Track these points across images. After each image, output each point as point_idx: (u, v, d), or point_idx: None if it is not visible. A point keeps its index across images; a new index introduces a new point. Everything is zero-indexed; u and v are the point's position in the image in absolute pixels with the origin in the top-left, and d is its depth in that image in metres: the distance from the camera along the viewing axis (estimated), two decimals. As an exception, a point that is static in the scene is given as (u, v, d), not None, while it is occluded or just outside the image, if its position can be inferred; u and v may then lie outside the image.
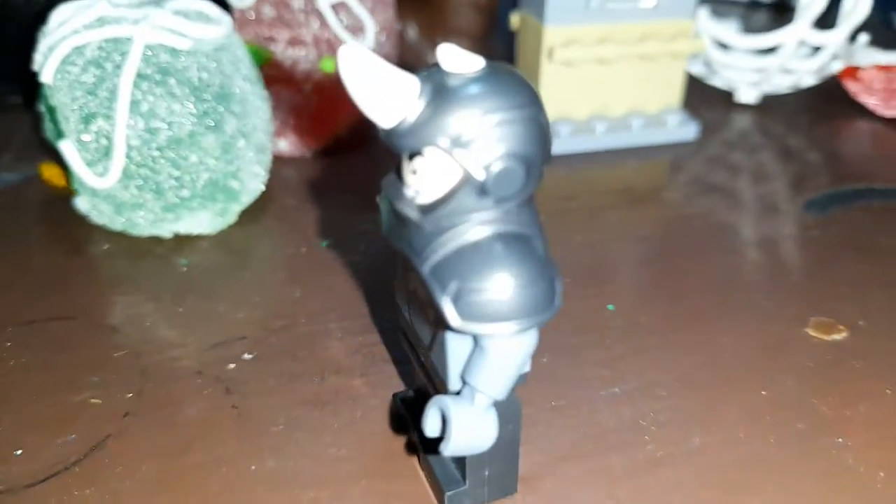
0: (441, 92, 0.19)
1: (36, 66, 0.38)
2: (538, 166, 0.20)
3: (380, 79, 0.19)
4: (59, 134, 0.38)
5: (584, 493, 0.26)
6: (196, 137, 0.37)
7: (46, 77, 0.37)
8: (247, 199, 0.41)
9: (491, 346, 0.20)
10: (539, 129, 0.20)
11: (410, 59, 0.60)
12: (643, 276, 0.38)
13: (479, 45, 0.61)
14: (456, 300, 0.19)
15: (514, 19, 0.52)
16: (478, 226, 0.20)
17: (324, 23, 0.47)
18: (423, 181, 0.20)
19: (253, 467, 0.27)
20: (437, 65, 0.20)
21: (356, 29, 0.49)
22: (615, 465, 0.27)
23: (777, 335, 0.34)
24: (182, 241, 0.39)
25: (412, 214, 0.20)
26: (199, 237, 0.40)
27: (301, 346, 0.32)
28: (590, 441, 0.28)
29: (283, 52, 0.47)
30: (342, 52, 0.19)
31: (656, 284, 0.37)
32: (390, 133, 0.20)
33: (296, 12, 0.47)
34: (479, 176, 0.19)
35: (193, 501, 0.26)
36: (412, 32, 0.66)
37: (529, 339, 0.20)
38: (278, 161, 0.46)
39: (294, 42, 0.47)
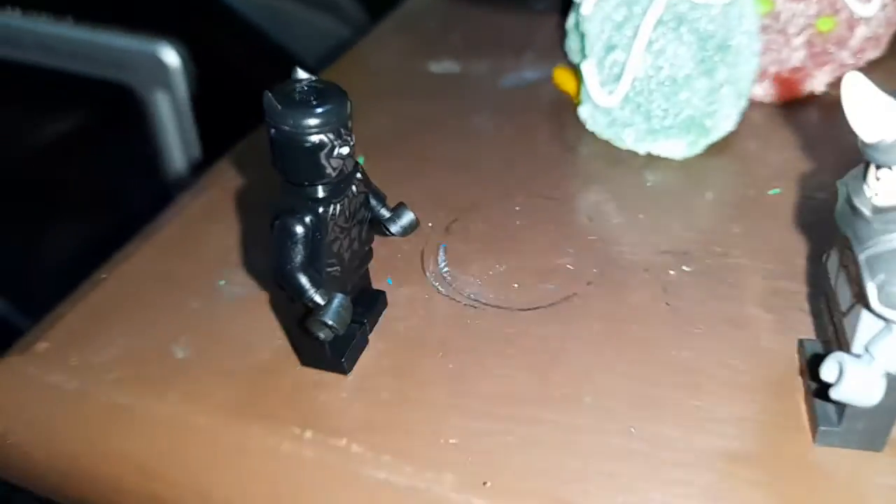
0: (923, 124, 0.23)
1: (578, -3, 0.48)
2: None
3: (870, 103, 0.24)
4: (584, 55, 0.48)
5: (950, 477, 0.30)
6: (690, 80, 0.44)
7: (586, 10, 0.47)
8: (716, 136, 0.47)
9: (899, 332, 0.25)
10: None
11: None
12: None
13: None
14: (881, 288, 0.25)
15: None
16: (918, 235, 0.24)
17: (833, -20, 0.49)
18: (883, 188, 0.25)
19: (672, 352, 0.35)
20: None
21: (865, -11, 0.50)
22: None
23: None
24: (652, 160, 0.48)
25: (866, 211, 0.25)
26: (666, 160, 0.48)
27: (731, 274, 0.39)
28: (973, 439, 0.31)
29: (784, 3, 0.50)
30: (847, 77, 0.24)
31: None
32: (868, 146, 0.25)
33: (807, -33, 0.50)
34: (935, 199, 0.23)
35: (625, 358, 0.35)
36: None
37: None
38: (751, 104, 0.51)
39: (798, -4, 0.50)
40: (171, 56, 0.89)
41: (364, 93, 0.58)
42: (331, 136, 0.29)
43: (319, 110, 0.29)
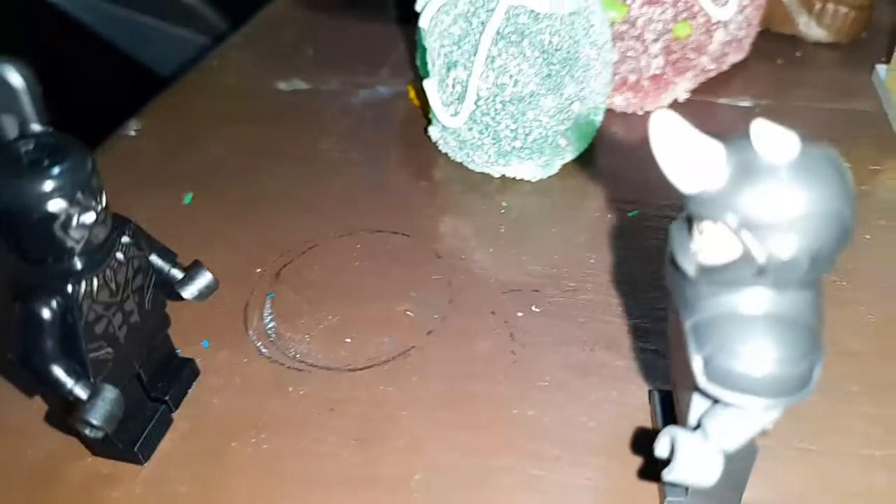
0: (745, 171, 0.20)
1: (418, 7, 0.44)
2: (828, 259, 0.20)
3: (688, 150, 0.20)
4: (426, 73, 0.44)
5: (806, 542, 0.27)
6: (536, 97, 0.40)
7: (423, 23, 0.43)
8: (570, 155, 0.44)
9: (732, 410, 0.22)
10: (839, 224, 0.20)
11: (779, 21, 0.56)
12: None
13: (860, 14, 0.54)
14: (707, 362, 0.21)
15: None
16: (750, 300, 0.21)
17: (688, -18, 0.47)
18: (707, 244, 0.21)
19: (515, 411, 0.32)
20: (747, 136, 0.20)
21: (721, -10, 0.48)
22: (849, 528, 0.27)
23: None
24: (506, 183, 0.44)
25: (689, 269, 0.22)
26: (521, 182, 0.44)
27: (583, 313, 0.36)
28: (827, 496, 0.28)
29: (638, 8, 0.47)
30: (654, 116, 0.21)
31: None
32: (688, 198, 0.21)
33: (662, -32, 0.47)
34: (761, 259, 0.20)
35: (464, 422, 0.31)
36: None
37: (772, 414, 0.21)
38: (610, 115, 0.48)
39: (652, 1, 0.47)
40: (13, 76, 0.81)
41: (203, 118, 0.53)
42: (64, 204, 0.24)
43: (47, 174, 0.24)
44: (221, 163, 0.48)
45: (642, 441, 0.30)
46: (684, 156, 0.20)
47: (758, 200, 0.19)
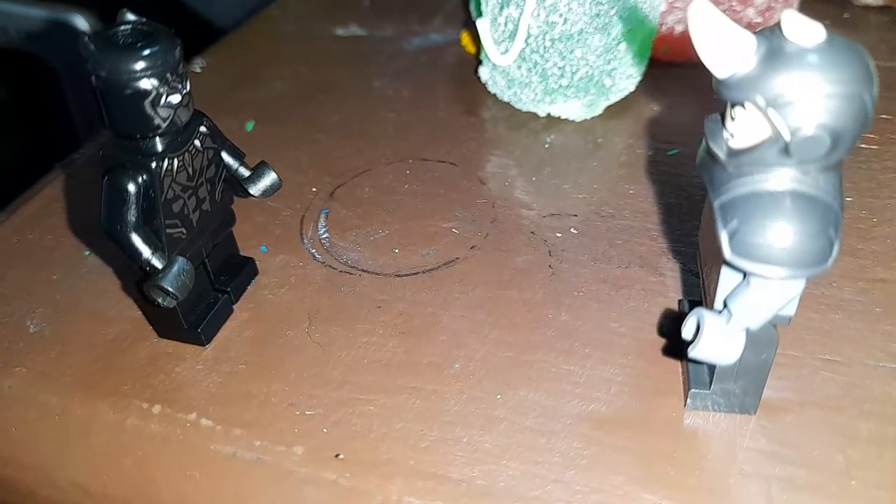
0: (773, 55, 0.22)
1: (476, -49, 0.46)
2: (849, 140, 0.22)
3: (721, 34, 0.22)
4: (479, 12, 0.46)
5: (818, 438, 0.28)
6: (584, 36, 0.42)
7: (481, -37, 0.45)
8: (615, 97, 0.45)
9: (754, 282, 0.23)
10: (860, 106, 0.21)
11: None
12: None
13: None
14: (732, 235, 0.23)
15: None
16: (775, 179, 0.23)
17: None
18: (738, 128, 0.23)
19: (550, 315, 0.34)
20: (778, 27, 0.22)
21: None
22: (862, 431, 0.28)
23: None
24: (552, 122, 0.46)
25: (720, 154, 0.24)
26: (565, 121, 0.46)
27: (619, 236, 0.38)
28: (846, 401, 0.29)
29: (690, -40, 0.48)
30: (693, 5, 0.23)
31: None
32: (720, 83, 0.23)
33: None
34: (786, 137, 0.22)
35: (501, 323, 0.33)
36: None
37: (791, 287, 0.23)
38: (657, 65, 0.50)
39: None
40: (82, 25, 0.86)
41: (265, 58, 0.56)
42: (155, 82, 0.26)
43: (140, 54, 0.26)
44: (281, 96, 0.51)
45: (671, 329, 0.32)
46: (718, 41, 0.22)
47: (785, 79, 0.21)
